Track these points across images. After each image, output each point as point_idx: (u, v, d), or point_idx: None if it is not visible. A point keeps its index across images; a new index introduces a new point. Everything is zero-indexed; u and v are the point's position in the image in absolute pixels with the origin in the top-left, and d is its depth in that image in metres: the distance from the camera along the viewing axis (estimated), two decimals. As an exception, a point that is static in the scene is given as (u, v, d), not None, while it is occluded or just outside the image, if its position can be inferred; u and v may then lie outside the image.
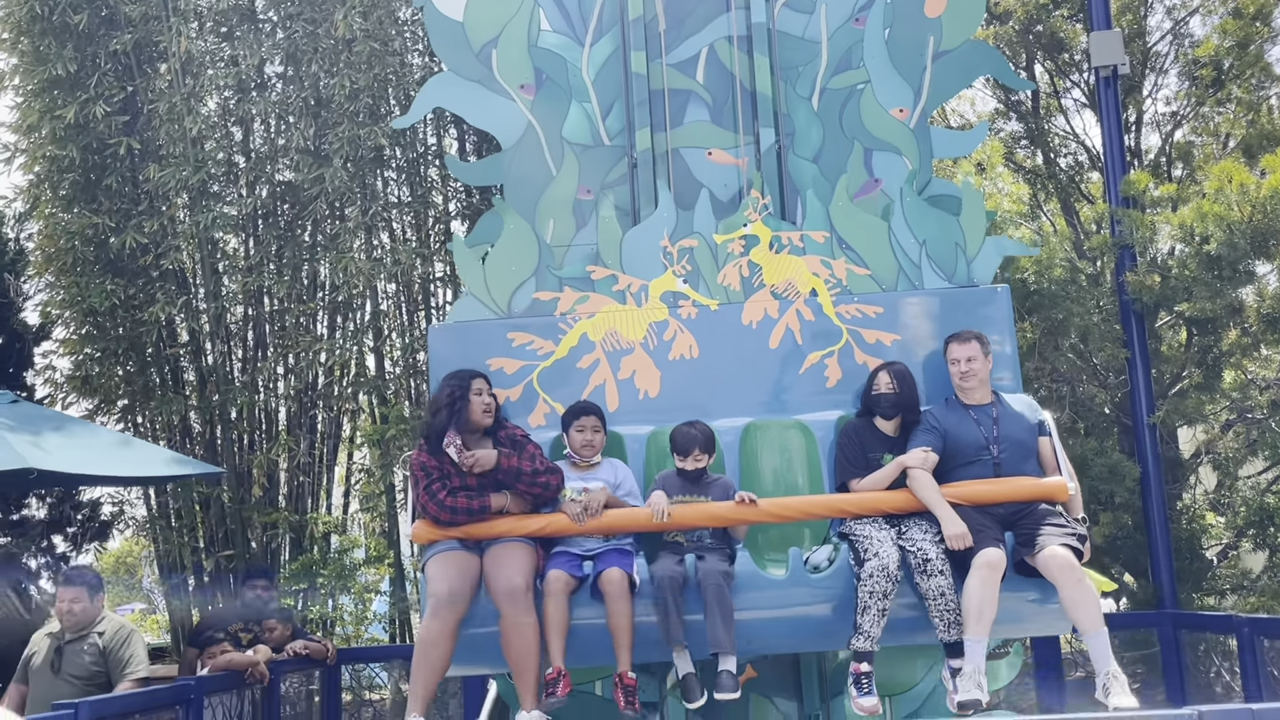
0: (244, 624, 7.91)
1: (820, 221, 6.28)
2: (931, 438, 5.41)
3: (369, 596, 12.02)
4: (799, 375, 6.01)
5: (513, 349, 6.07)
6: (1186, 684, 7.69)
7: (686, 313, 6.11)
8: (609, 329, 6.10)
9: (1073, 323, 9.22)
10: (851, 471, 5.52)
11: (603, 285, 6.25)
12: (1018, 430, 5.45)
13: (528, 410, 5.99)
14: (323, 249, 11.23)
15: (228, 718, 6.68)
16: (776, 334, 6.06)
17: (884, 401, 5.54)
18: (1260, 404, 9.71)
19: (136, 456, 8.21)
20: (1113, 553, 9.92)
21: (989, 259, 6.25)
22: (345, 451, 12.80)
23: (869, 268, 6.22)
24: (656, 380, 6.04)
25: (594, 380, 6.04)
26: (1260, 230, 8.33)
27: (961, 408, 5.53)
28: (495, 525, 5.35)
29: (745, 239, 6.27)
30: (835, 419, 5.87)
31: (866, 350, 5.99)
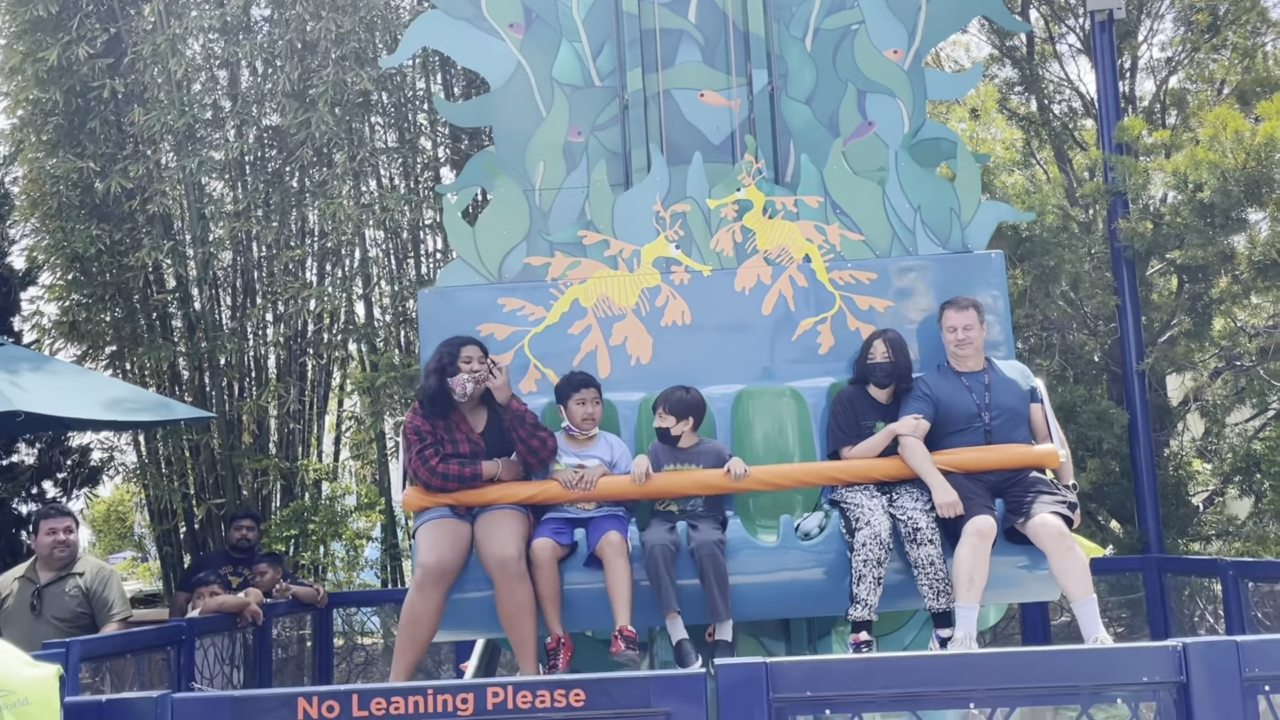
0: (233, 568, 7.96)
1: (814, 186, 6.20)
2: (923, 405, 5.40)
3: (360, 543, 12.05)
4: (791, 342, 5.96)
5: (503, 314, 6.01)
6: (1171, 627, 7.76)
7: (679, 278, 6.05)
8: (601, 295, 6.03)
9: (1064, 270, 9.21)
10: (844, 439, 5.51)
11: (594, 250, 6.18)
12: (1010, 398, 5.45)
13: (519, 377, 5.94)
14: (310, 195, 11.15)
15: (219, 659, 6.71)
16: (769, 300, 6.01)
17: (879, 371, 5.52)
18: (1249, 351, 9.73)
19: (126, 401, 8.17)
20: (1100, 499, 9.98)
21: (984, 224, 6.19)
22: (335, 399, 12.79)
23: (863, 233, 6.15)
24: (648, 347, 5.99)
25: (585, 346, 5.99)
26: (1254, 177, 8.30)
27: (954, 375, 5.52)
28: (487, 492, 5.34)
29: (738, 204, 6.19)
30: (828, 386, 5.85)
31: (859, 317, 5.95)
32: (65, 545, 6.34)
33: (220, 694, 2.81)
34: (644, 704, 2.77)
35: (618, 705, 2.79)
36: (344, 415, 12.91)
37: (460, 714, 2.69)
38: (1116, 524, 9.97)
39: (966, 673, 2.84)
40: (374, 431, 11.48)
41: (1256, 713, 2.72)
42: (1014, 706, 2.84)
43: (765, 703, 2.78)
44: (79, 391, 7.87)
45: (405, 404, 10.95)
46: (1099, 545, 5.50)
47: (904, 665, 2.94)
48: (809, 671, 2.83)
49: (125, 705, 2.71)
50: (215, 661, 6.70)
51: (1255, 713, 2.72)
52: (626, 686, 2.79)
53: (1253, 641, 2.76)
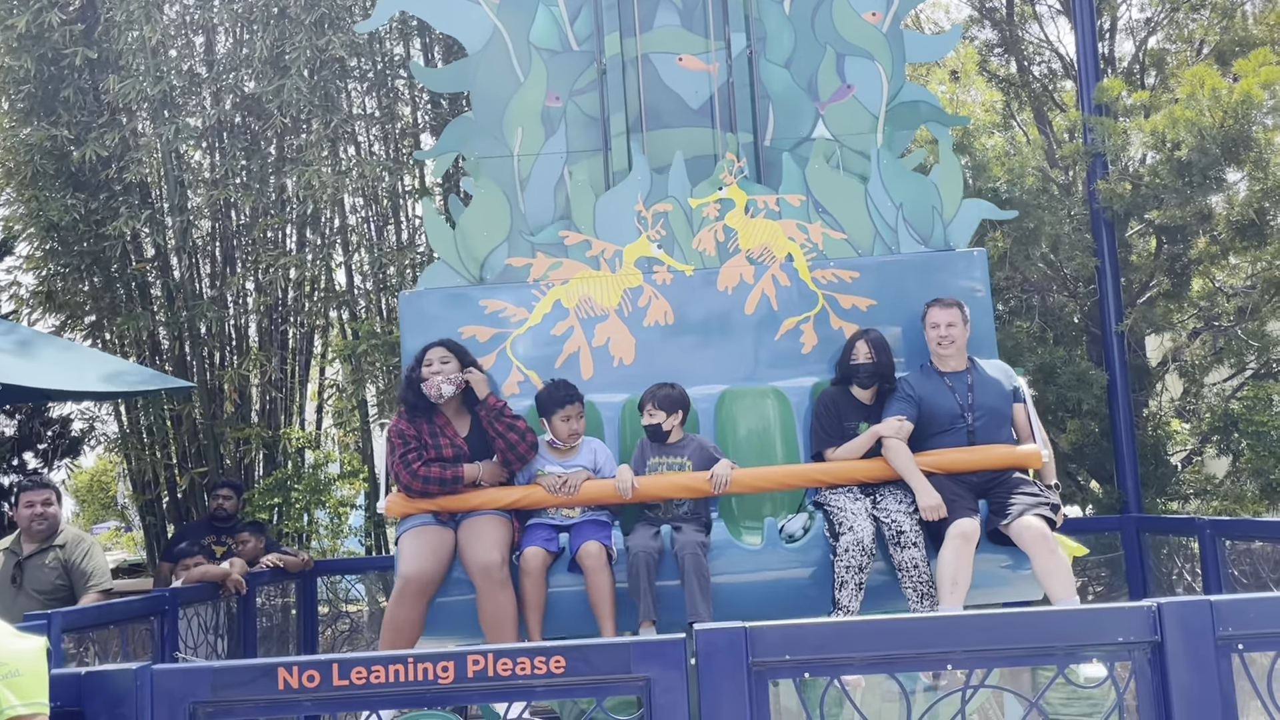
0: (216, 537, 7.96)
1: (796, 185, 6.20)
2: (906, 406, 5.40)
3: (344, 511, 12.06)
4: (774, 341, 5.98)
5: (485, 316, 6.01)
6: (1149, 585, 7.85)
7: (661, 278, 6.05)
8: (583, 295, 6.03)
9: (1044, 232, 9.21)
10: (827, 440, 5.52)
11: (576, 251, 6.17)
12: (993, 398, 5.46)
13: (501, 378, 5.94)
14: (288, 162, 11.06)
15: (203, 629, 6.72)
16: (752, 300, 6.03)
17: (862, 371, 5.52)
18: (1227, 311, 9.78)
19: (105, 371, 8.13)
20: (1079, 459, 10.05)
21: (966, 222, 6.21)
22: (317, 367, 12.75)
23: (845, 232, 6.17)
24: (631, 347, 6.00)
25: (568, 348, 6.00)
26: (1231, 136, 8.31)
27: (937, 375, 5.52)
28: (470, 498, 5.33)
29: (720, 203, 6.19)
30: (811, 385, 5.87)
31: (842, 316, 5.96)
32: (44, 518, 6.33)
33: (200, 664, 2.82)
34: (624, 670, 2.80)
35: (598, 672, 2.81)
36: (326, 383, 12.88)
37: (441, 682, 2.71)
38: (1095, 484, 10.04)
39: (944, 635, 2.87)
40: (356, 399, 11.46)
41: (1230, 671, 2.76)
42: (991, 668, 2.87)
43: (744, 667, 2.80)
44: (58, 362, 7.82)
45: (387, 371, 10.94)
46: (1080, 545, 5.52)
47: (881, 628, 2.97)
48: (787, 635, 2.85)
49: (104, 677, 2.72)
50: (199, 631, 6.71)
51: (1229, 671, 2.76)
52: (606, 653, 2.81)
53: (1226, 601, 2.79)
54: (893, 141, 6.40)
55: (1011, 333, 9.28)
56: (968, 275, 5.99)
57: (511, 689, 2.76)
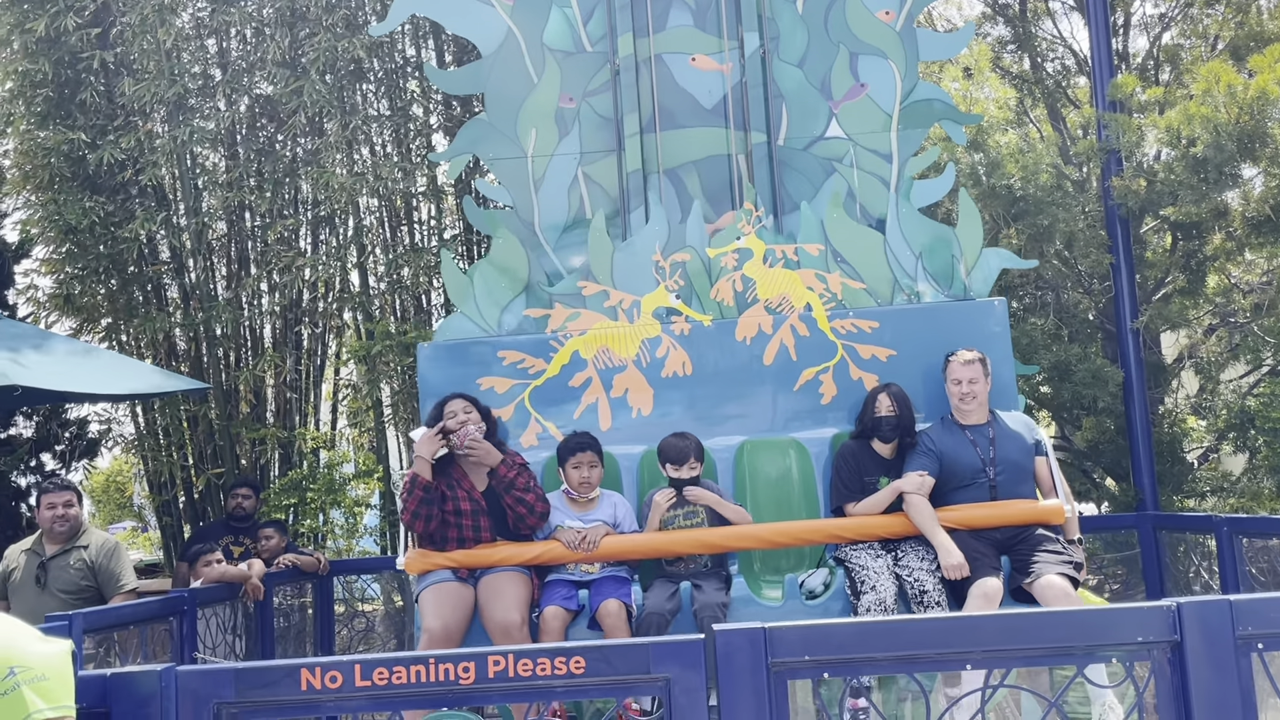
0: (234, 537, 8.01)
1: (815, 234, 6.18)
2: (928, 461, 5.34)
3: (359, 510, 12.10)
4: (793, 392, 5.96)
5: (503, 368, 6.00)
6: (1166, 583, 7.82)
7: (679, 329, 6.05)
8: (601, 346, 6.03)
9: (1058, 229, 9.20)
10: (847, 495, 5.47)
11: (594, 301, 6.17)
12: (1014, 452, 5.40)
13: (520, 430, 5.94)
14: (303, 164, 11.10)
15: (221, 629, 6.75)
16: (771, 350, 6.01)
17: (884, 425, 5.46)
18: (1243, 308, 9.75)
19: (122, 373, 8.18)
20: (1095, 457, 10.03)
21: (986, 271, 6.18)
22: (332, 368, 12.80)
23: (864, 281, 6.16)
24: (649, 398, 5.99)
25: (586, 399, 6.00)
26: (1247, 132, 8.28)
27: (958, 428, 5.46)
28: (489, 555, 5.30)
29: (739, 253, 6.19)
30: (830, 436, 5.85)
31: (862, 366, 5.95)
32: (64, 519, 6.37)
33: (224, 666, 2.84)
34: (643, 670, 2.81)
35: (618, 672, 2.82)
36: (340, 384, 12.93)
37: (462, 682, 2.73)
38: (1111, 482, 10.02)
39: (963, 635, 2.88)
40: (371, 399, 11.50)
41: (1250, 670, 2.75)
42: (1010, 668, 2.87)
43: (764, 667, 2.81)
44: (75, 364, 7.86)
45: (401, 372, 10.97)
46: (1104, 599, 5.49)
47: (901, 629, 2.97)
48: (807, 636, 2.85)
49: (130, 679, 2.74)
50: (217, 631, 6.74)
51: (1249, 670, 2.75)
52: (626, 654, 2.82)
53: (1246, 600, 2.79)
54: (906, 141, 6.40)
55: (1026, 330, 9.27)
56: (988, 324, 5.93)
57: (532, 689, 2.77)
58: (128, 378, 8.12)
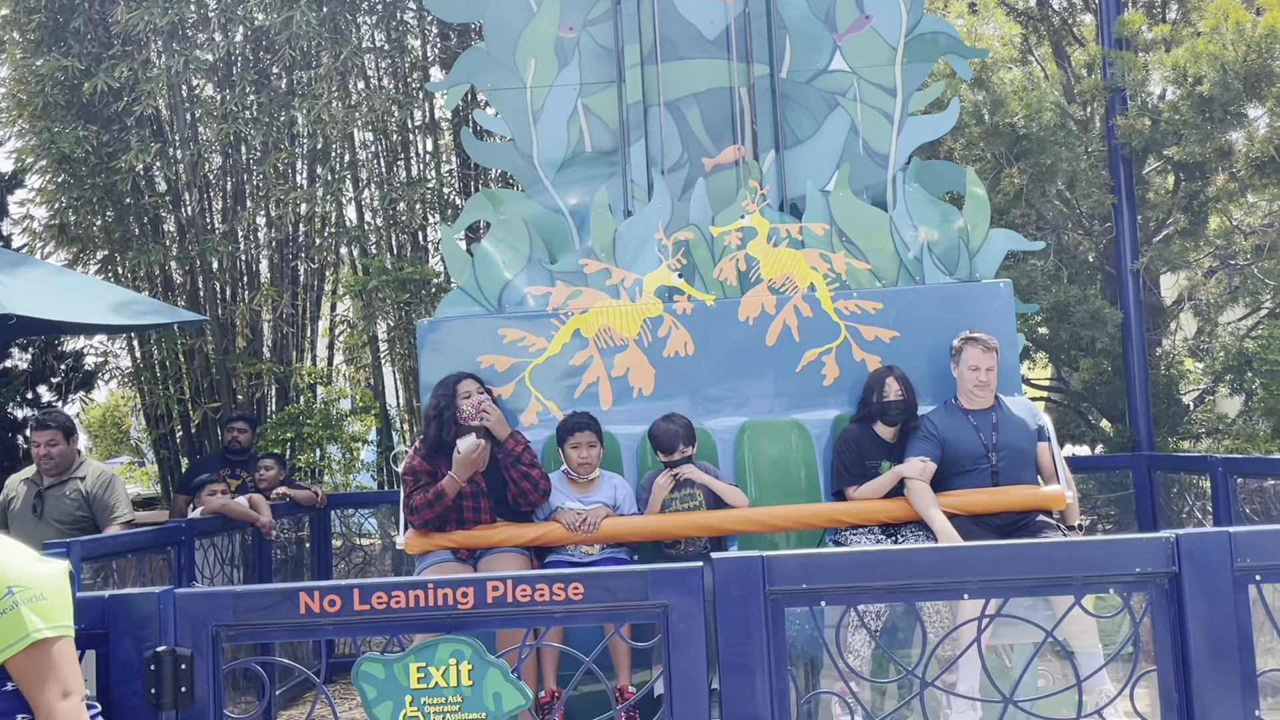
0: (231, 470, 8.02)
1: (820, 213, 6.09)
2: (929, 446, 5.30)
3: (356, 446, 12.13)
4: (796, 373, 5.88)
5: (504, 345, 5.93)
6: (1159, 523, 7.86)
7: (682, 308, 5.96)
8: (602, 325, 5.95)
9: (1060, 169, 9.13)
10: (849, 479, 5.44)
11: (596, 280, 6.09)
12: (1017, 438, 5.35)
13: (520, 409, 5.88)
14: (298, 97, 10.98)
15: (219, 560, 6.78)
16: (773, 330, 5.93)
17: (893, 409, 5.40)
18: (1244, 250, 9.71)
19: (118, 304, 8.13)
20: (1091, 398, 10.04)
21: (992, 253, 6.08)
22: (328, 303, 12.77)
23: (869, 262, 6.07)
24: (651, 378, 5.91)
25: (587, 378, 5.93)
26: (1254, 70, 8.19)
27: (961, 413, 5.41)
28: (489, 535, 5.26)
29: (742, 231, 6.09)
30: (832, 418, 5.79)
31: (865, 347, 5.87)
32: (49, 458, 6.38)
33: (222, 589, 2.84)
34: (641, 597, 2.81)
35: (616, 599, 2.82)
36: (337, 319, 12.90)
37: (461, 607, 2.73)
38: (1107, 423, 10.04)
39: (961, 564, 2.88)
40: (367, 335, 11.48)
41: (1247, 602, 2.76)
42: (1007, 597, 2.88)
43: (761, 595, 2.81)
44: (70, 295, 7.81)
45: (398, 308, 10.93)
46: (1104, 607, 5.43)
47: (898, 558, 2.98)
48: (806, 564, 2.86)
49: (128, 600, 2.74)
50: (215, 562, 6.77)
51: (1245, 602, 2.76)
52: (624, 580, 2.82)
53: (1244, 532, 2.79)
54: (910, 75, 6.32)
55: (1026, 270, 9.23)
56: (993, 307, 5.86)
57: (530, 614, 2.78)
58: (122, 307, 8.07)
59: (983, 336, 5.43)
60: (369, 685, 2.70)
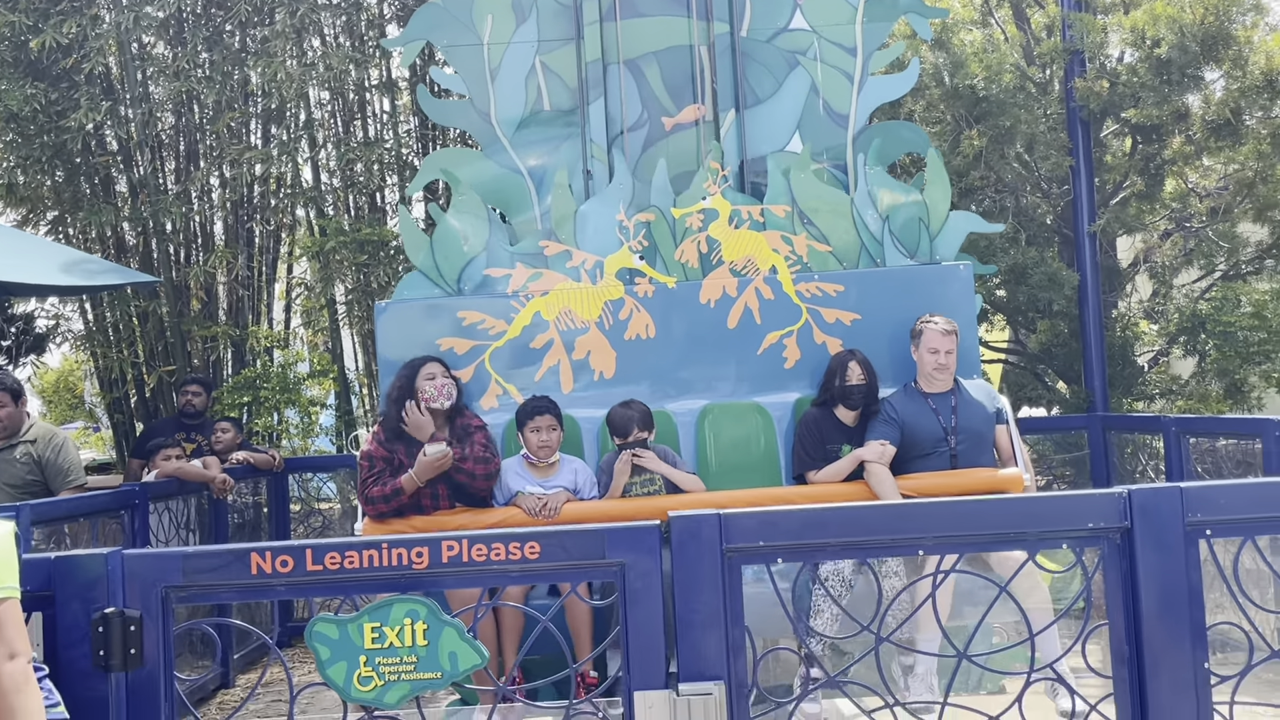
0: (186, 434, 7.93)
1: (782, 195, 6.05)
2: (889, 430, 5.30)
3: (314, 410, 12.03)
4: (757, 356, 5.86)
5: (463, 328, 5.86)
6: (1114, 482, 7.96)
7: (643, 290, 5.91)
8: (563, 307, 5.89)
9: (1019, 131, 9.15)
10: (809, 462, 5.43)
11: (556, 262, 6.02)
12: (975, 421, 5.37)
13: (480, 392, 5.82)
14: (252, 54, 10.79)
15: (174, 524, 6.72)
16: (735, 313, 5.90)
17: (855, 393, 5.40)
18: (1199, 212, 9.79)
19: (69, 264, 7.99)
20: (1047, 360, 10.12)
21: (953, 235, 6.07)
22: (285, 265, 12.62)
23: (830, 244, 6.03)
24: (612, 361, 5.86)
25: (547, 361, 5.87)
26: (1211, 33, 8.22)
27: (920, 397, 5.41)
28: (448, 521, 5.21)
29: (704, 213, 6.03)
30: (794, 401, 5.78)
31: (826, 330, 5.85)
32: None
33: (172, 550, 2.80)
34: (599, 556, 2.80)
35: (572, 557, 2.81)
36: (294, 282, 12.75)
37: (416, 567, 2.71)
38: (1063, 384, 10.13)
39: (915, 521, 2.89)
40: (324, 298, 11.36)
41: (1197, 557, 2.79)
42: (962, 553, 2.90)
43: (719, 553, 2.81)
44: (20, 255, 7.67)
45: (355, 270, 10.82)
46: (1057, 564, 5.46)
47: (854, 514, 2.98)
48: (762, 521, 2.86)
49: (75, 562, 2.70)
50: (170, 526, 6.71)
51: (1196, 557, 2.79)
52: (581, 539, 2.81)
53: (1196, 487, 2.82)
54: (871, 34, 6.29)
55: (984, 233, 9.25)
56: (954, 289, 5.86)
57: (486, 574, 2.76)
58: (75, 270, 7.94)
59: (942, 320, 5.44)
60: (323, 646, 2.67)
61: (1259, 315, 8.87)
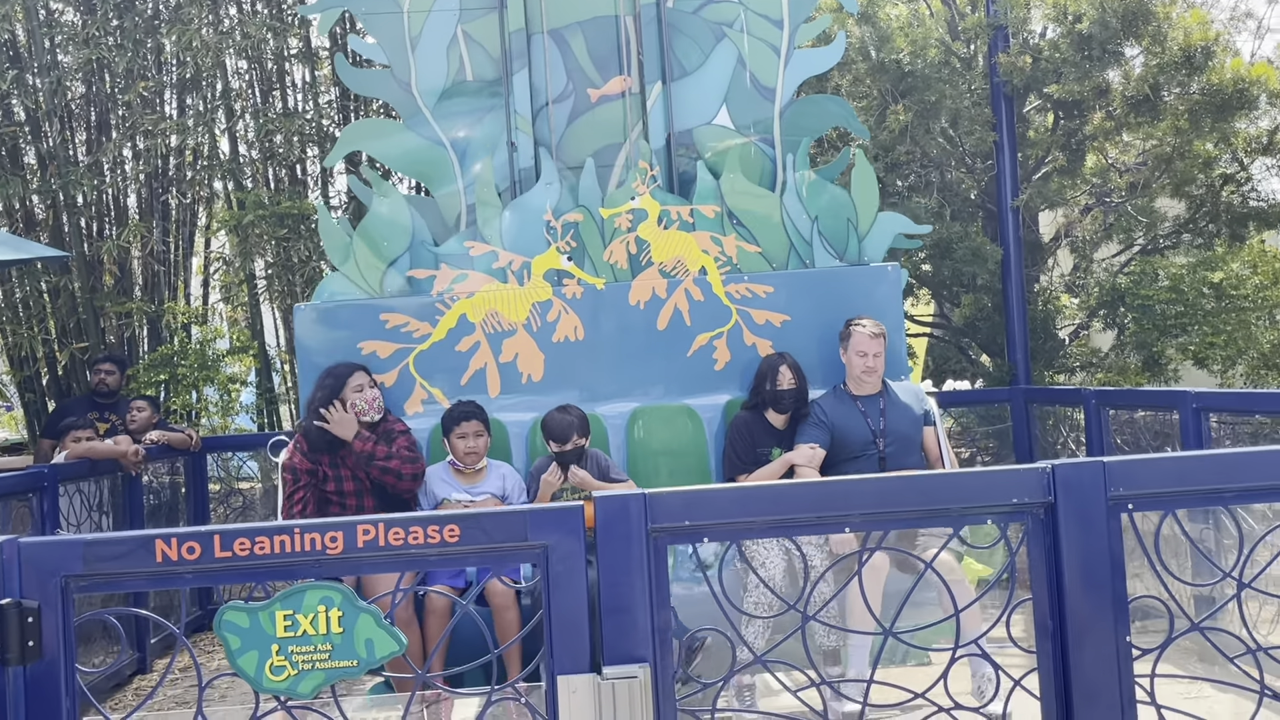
0: (99, 414, 7.71)
1: (711, 196, 5.97)
2: (819, 433, 5.28)
3: (235, 388, 11.78)
4: (687, 358, 5.79)
5: (386, 331, 5.70)
6: (1035, 455, 8.07)
7: (571, 292, 5.81)
8: (489, 309, 5.76)
9: (944, 105, 9.19)
10: (740, 466, 5.39)
11: (482, 262, 5.88)
12: (903, 424, 5.36)
13: (404, 397, 5.67)
14: (166, 22, 10.47)
15: (86, 506, 6.52)
16: (664, 315, 5.82)
17: (786, 398, 5.35)
18: (1119, 187, 9.93)
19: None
20: (971, 334, 10.22)
21: (881, 236, 6.03)
22: (202, 239, 12.32)
23: (760, 245, 5.97)
24: (540, 364, 5.75)
25: (474, 364, 5.74)
26: (1131, 9, 8.31)
27: (850, 399, 5.38)
28: None
29: (633, 213, 5.93)
30: (724, 403, 5.73)
31: (756, 331, 5.80)
32: None
33: (71, 537, 2.68)
34: (520, 538, 2.73)
35: (494, 540, 2.74)
36: (212, 256, 12.46)
37: (330, 552, 2.61)
38: (986, 358, 10.24)
39: (840, 499, 2.86)
40: (244, 273, 11.11)
41: (1119, 530, 2.79)
42: (888, 530, 2.88)
43: (644, 533, 2.76)
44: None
45: (275, 245, 10.59)
46: (985, 566, 5.50)
47: (780, 492, 2.95)
48: (688, 500, 2.80)
49: (-31, 552, 2.56)
50: (82, 508, 6.51)
51: (1118, 530, 2.79)
52: (502, 521, 2.74)
53: (1118, 462, 2.81)
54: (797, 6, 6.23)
55: (910, 208, 9.30)
56: (883, 290, 5.83)
57: (404, 559, 2.68)
58: (-22, 245, 7.65)
59: (870, 323, 5.42)
60: (232, 635, 2.57)
61: (1176, 289, 9.03)
